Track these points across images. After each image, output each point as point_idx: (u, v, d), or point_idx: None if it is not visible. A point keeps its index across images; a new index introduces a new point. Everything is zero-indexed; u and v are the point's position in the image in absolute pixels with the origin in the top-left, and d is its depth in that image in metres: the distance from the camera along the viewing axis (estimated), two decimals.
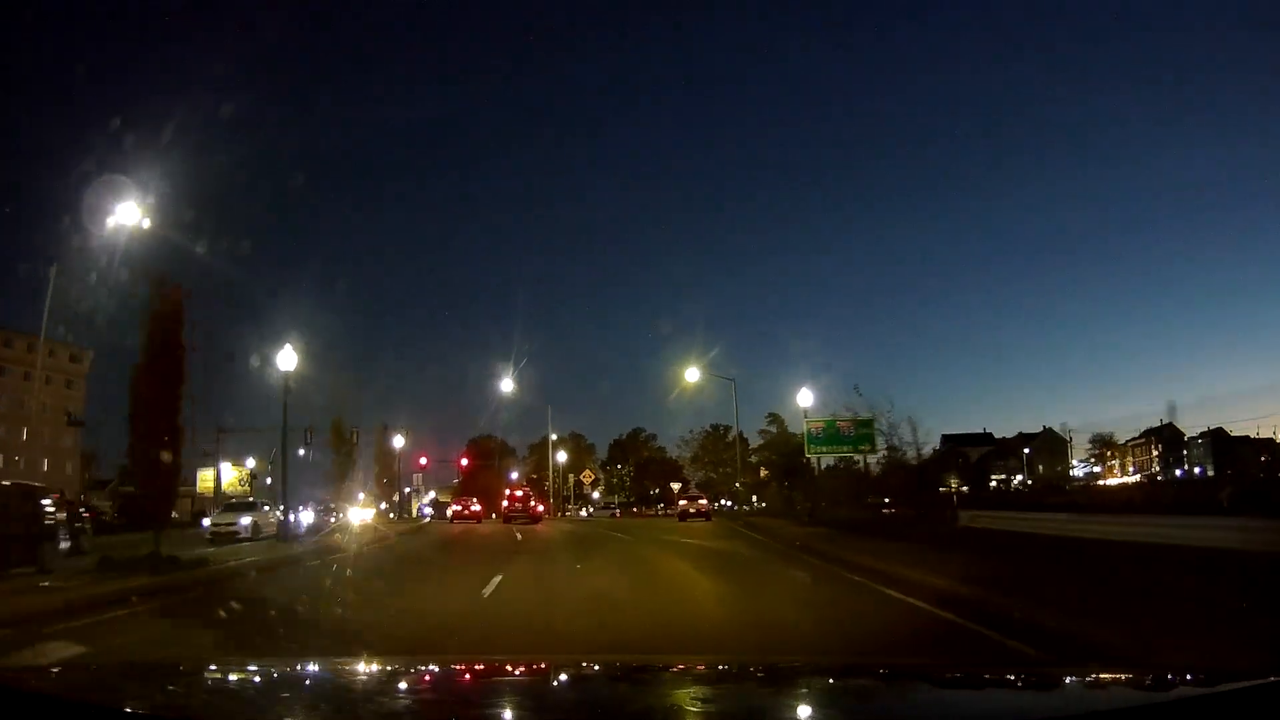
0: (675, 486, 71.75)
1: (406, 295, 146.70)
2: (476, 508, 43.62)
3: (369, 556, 20.20)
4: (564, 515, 61.40)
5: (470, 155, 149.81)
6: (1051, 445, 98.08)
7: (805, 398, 31.81)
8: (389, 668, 3.25)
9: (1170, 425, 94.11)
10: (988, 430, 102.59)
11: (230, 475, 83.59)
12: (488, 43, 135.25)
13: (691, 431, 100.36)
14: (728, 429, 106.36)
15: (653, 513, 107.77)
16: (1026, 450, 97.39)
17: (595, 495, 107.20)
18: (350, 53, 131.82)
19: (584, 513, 73.94)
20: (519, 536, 26.63)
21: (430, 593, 12.25)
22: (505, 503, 44.05)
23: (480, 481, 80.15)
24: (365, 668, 3.34)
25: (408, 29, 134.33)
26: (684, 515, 44.70)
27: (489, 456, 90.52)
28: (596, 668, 3.24)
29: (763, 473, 57.99)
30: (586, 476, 51.15)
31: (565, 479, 66.20)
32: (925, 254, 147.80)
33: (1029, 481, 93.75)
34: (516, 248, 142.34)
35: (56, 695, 2.10)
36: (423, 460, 70.22)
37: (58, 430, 74.54)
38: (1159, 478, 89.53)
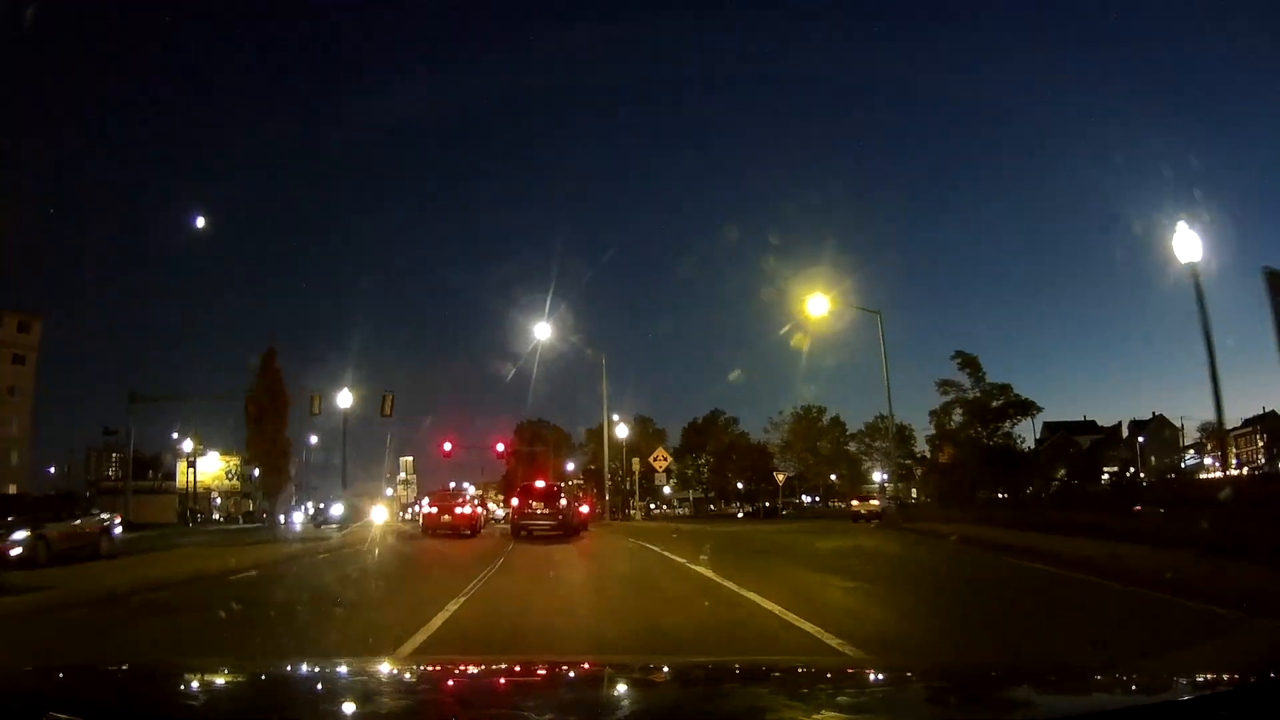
0: (780, 478, 52.68)
1: (462, 277, 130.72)
2: (464, 511, 25.59)
3: None
4: (626, 517, 43.01)
5: (525, 124, 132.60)
6: (1161, 434, 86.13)
7: (1188, 244, 12.69)
8: (389, 668, 3.31)
9: (1273, 414, 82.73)
10: (1089, 418, 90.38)
11: (216, 466, 68.76)
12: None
13: (781, 412, 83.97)
14: (821, 410, 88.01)
15: (734, 512, 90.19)
16: (1140, 439, 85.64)
17: (666, 490, 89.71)
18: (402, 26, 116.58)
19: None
20: (444, 613, 8.21)
21: None
22: (515, 502, 26.21)
23: (525, 474, 64.02)
24: (366, 668, 3.23)
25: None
26: (856, 517, 36.75)
27: (540, 443, 73.75)
28: (597, 668, 3.18)
29: (944, 453, 38.81)
30: (659, 460, 32.36)
31: (629, 469, 47.82)
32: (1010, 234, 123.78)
33: (1141, 474, 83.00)
34: (578, 218, 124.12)
35: (55, 696, 2.04)
36: (446, 446, 54.44)
37: (3, 412, 60.15)
38: (1261, 470, 77.40)
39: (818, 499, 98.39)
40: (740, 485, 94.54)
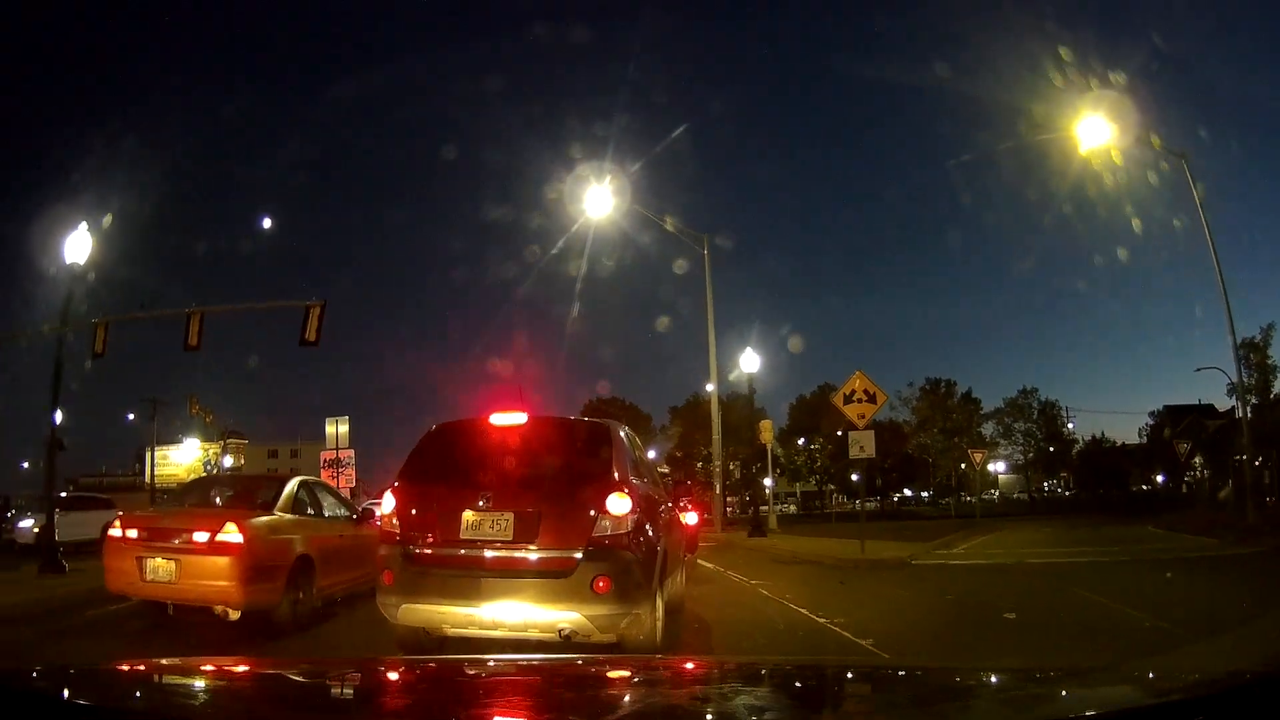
0: (978, 456, 34.66)
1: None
2: (214, 541, 6.45)
3: None
4: (758, 526, 25.10)
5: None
6: None
7: None
8: (389, 668, 3.21)
9: None
10: (1205, 401, 72.48)
11: (193, 455, 54.03)
12: None
13: (911, 384, 72.68)
14: (951, 384, 75.12)
15: (851, 509, 73.14)
16: None
17: (768, 482, 72.57)
18: None
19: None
20: None
21: None
22: (390, 504, 5.53)
23: None
24: (364, 668, 3.12)
25: None
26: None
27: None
28: (595, 669, 3.13)
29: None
30: (859, 398, 14.36)
31: (755, 440, 30.41)
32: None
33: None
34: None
35: (56, 695, 2.04)
36: None
37: None
38: None
39: (925, 493, 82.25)
40: (855, 476, 77.49)
